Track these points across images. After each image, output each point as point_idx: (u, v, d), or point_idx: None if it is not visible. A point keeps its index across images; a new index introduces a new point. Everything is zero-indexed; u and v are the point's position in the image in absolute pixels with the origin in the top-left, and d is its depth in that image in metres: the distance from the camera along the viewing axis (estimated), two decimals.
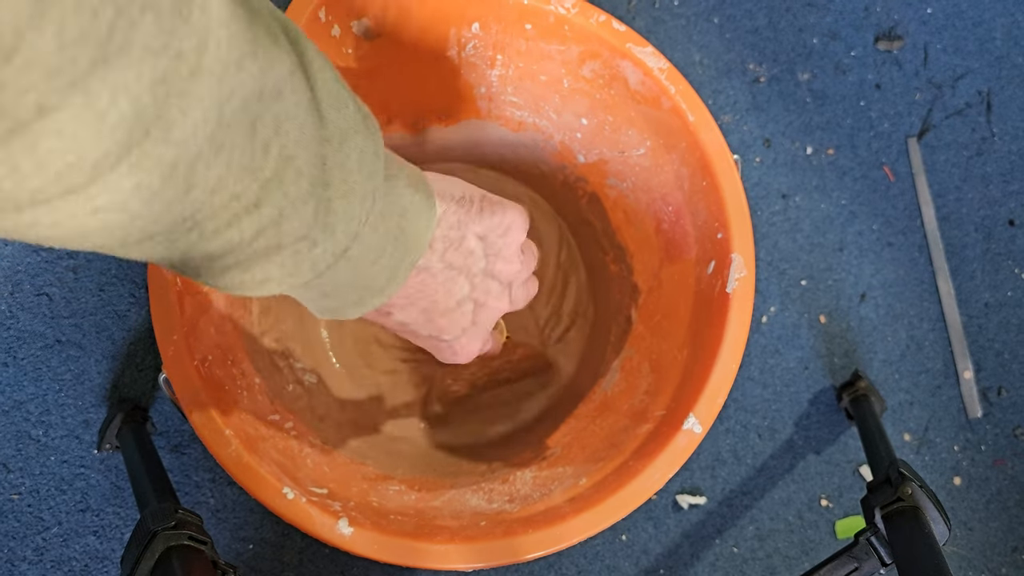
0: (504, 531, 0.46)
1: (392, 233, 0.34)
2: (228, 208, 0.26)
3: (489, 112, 0.60)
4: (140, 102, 0.20)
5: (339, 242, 0.31)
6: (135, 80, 0.20)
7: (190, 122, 0.22)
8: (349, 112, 0.30)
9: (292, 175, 0.27)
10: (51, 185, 0.20)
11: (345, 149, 0.30)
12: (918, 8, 0.87)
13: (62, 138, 0.19)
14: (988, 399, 0.79)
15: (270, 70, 0.25)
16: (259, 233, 0.28)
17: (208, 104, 0.23)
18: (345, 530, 0.43)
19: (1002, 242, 0.82)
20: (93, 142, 0.20)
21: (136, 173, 0.22)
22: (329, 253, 0.31)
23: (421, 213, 0.35)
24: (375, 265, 0.34)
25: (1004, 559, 0.75)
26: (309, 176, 0.28)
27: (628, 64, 0.53)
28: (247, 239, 0.27)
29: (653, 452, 0.47)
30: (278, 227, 0.28)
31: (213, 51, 0.22)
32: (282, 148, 0.26)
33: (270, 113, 0.25)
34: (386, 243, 0.34)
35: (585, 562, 0.72)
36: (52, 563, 0.67)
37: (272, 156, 0.26)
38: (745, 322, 0.49)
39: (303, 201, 0.28)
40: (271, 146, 0.26)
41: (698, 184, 0.52)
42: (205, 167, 0.24)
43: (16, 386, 0.69)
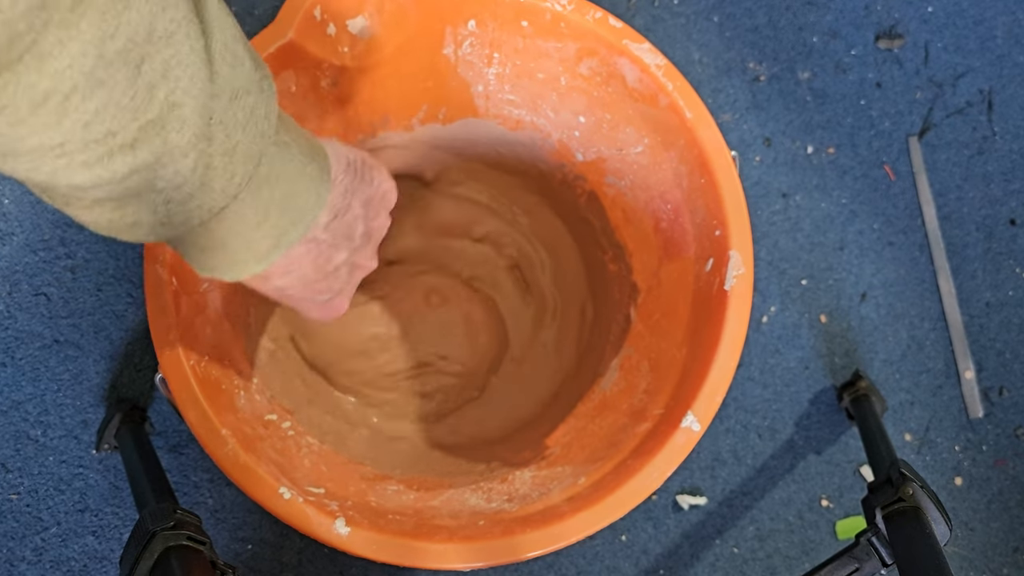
0: (503, 530, 0.45)
1: (277, 200, 0.34)
2: (102, 143, 0.25)
3: (486, 110, 0.60)
4: (14, 27, 0.20)
5: (215, 200, 0.31)
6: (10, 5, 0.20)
7: (67, 55, 0.22)
8: (245, 70, 0.30)
9: (176, 123, 0.27)
10: None
11: (234, 107, 0.29)
12: (919, 6, 0.86)
13: None
14: (989, 399, 0.78)
15: (162, 12, 0.25)
16: (132, 172, 0.27)
17: (88, 38, 0.23)
18: (342, 530, 0.43)
19: (1003, 241, 0.82)
20: None
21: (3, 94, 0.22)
22: (204, 209, 0.31)
23: (312, 184, 0.35)
24: (257, 230, 0.34)
25: (1005, 559, 0.75)
26: (193, 127, 0.28)
27: (625, 61, 0.53)
28: (117, 176, 0.27)
29: (652, 451, 0.47)
30: (152, 172, 0.27)
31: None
32: (169, 93, 0.26)
33: (160, 56, 0.25)
34: (271, 209, 0.33)
35: (585, 562, 0.72)
36: (51, 563, 0.67)
37: (157, 100, 0.26)
38: (743, 319, 0.48)
39: (183, 153, 0.28)
40: (157, 89, 0.26)
41: (696, 182, 0.52)
42: (80, 99, 0.23)
43: (14, 386, 0.69)
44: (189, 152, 0.28)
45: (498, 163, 0.66)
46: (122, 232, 0.31)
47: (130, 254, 0.72)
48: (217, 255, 0.34)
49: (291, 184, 0.34)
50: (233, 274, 0.36)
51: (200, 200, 0.30)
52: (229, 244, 0.34)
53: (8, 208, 0.71)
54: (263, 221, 0.34)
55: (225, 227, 0.33)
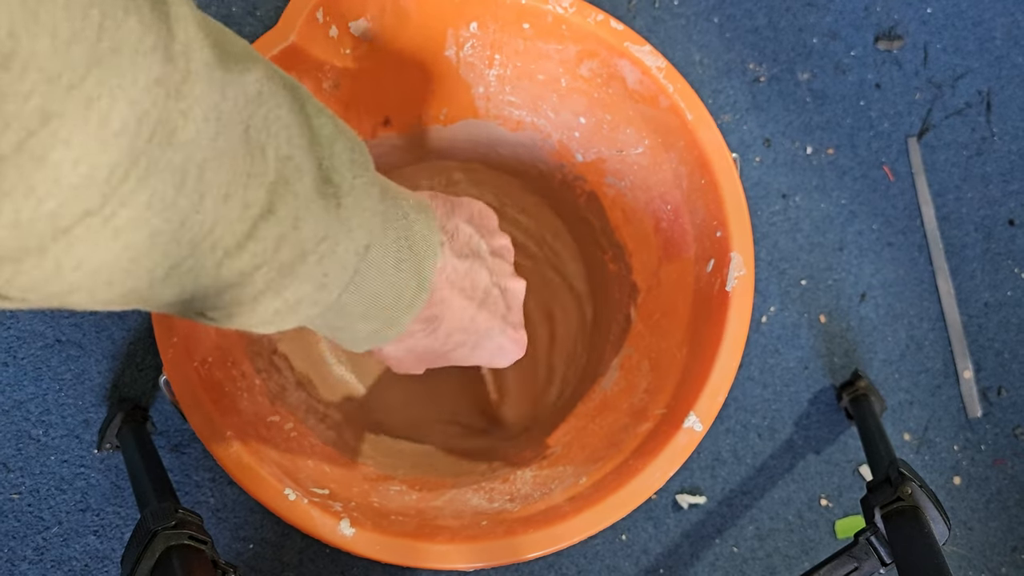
0: (505, 530, 0.46)
1: (403, 236, 0.33)
2: (243, 218, 0.25)
3: (487, 112, 0.60)
4: (139, 105, 0.20)
5: (358, 239, 0.30)
6: (131, 83, 0.20)
7: (192, 126, 0.22)
8: (327, 117, 0.30)
9: (295, 174, 0.27)
10: (67, 206, 0.20)
11: (335, 149, 0.29)
12: (918, 8, 0.87)
13: (70, 147, 0.19)
14: (988, 399, 0.79)
15: (247, 74, 0.25)
16: (281, 240, 0.27)
17: (206, 106, 0.23)
18: (347, 531, 0.43)
19: (1002, 242, 0.82)
20: (100, 150, 0.20)
21: (148, 183, 0.22)
22: (352, 252, 0.30)
23: (420, 213, 0.35)
24: (399, 271, 0.33)
25: (1004, 559, 0.75)
26: (310, 175, 0.28)
27: (626, 63, 0.53)
28: (270, 248, 0.27)
29: (653, 451, 0.47)
30: (297, 231, 0.27)
31: (199, 55, 0.22)
32: (277, 149, 0.26)
33: (259, 116, 0.25)
34: (400, 246, 0.33)
35: (585, 562, 0.72)
36: (52, 563, 0.67)
37: (270, 158, 0.26)
38: (745, 320, 0.49)
39: (311, 200, 0.28)
40: (267, 148, 0.26)
41: (696, 183, 0.52)
42: (213, 172, 0.24)
43: (16, 386, 0.69)
44: (317, 198, 0.28)
45: (498, 164, 0.66)
46: (287, 319, 0.30)
47: None
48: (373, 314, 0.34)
49: (405, 218, 0.34)
50: (395, 329, 0.35)
51: (346, 244, 0.30)
52: (382, 295, 0.33)
53: None
54: (400, 259, 0.33)
55: (374, 275, 0.32)
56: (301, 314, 0.31)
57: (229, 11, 0.80)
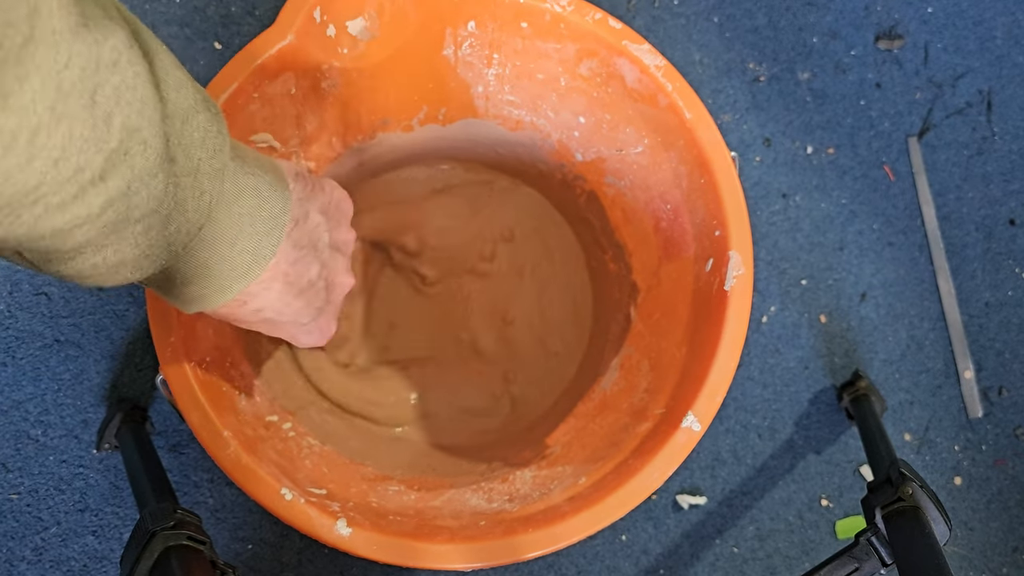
0: (504, 530, 0.46)
1: (247, 213, 0.34)
2: (73, 180, 0.25)
3: (486, 111, 0.60)
4: None
5: (191, 220, 0.31)
6: None
7: (28, 90, 0.22)
8: (189, 92, 0.30)
9: (138, 147, 0.27)
10: None
11: (188, 128, 0.30)
12: (918, 7, 0.87)
13: None
14: (989, 399, 0.78)
15: (104, 41, 0.25)
16: (107, 205, 0.27)
17: (45, 72, 0.23)
18: (344, 531, 0.43)
19: (1003, 241, 0.82)
20: None
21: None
22: (183, 232, 0.31)
23: (274, 193, 0.36)
24: (234, 247, 0.34)
25: (1005, 559, 0.75)
26: (155, 149, 0.28)
27: (625, 62, 0.53)
28: (94, 212, 0.27)
29: (652, 450, 0.47)
30: (127, 200, 0.28)
31: (46, 19, 0.22)
32: (125, 119, 0.26)
33: (109, 84, 0.25)
34: (243, 224, 0.34)
35: (585, 562, 0.72)
36: (51, 563, 0.67)
37: (115, 127, 0.26)
38: (743, 319, 0.48)
39: (151, 175, 0.28)
40: (113, 117, 0.26)
41: (696, 182, 0.52)
42: (47, 136, 0.24)
43: (15, 386, 0.69)
44: (157, 173, 0.28)
45: (498, 164, 0.66)
46: (107, 277, 0.31)
47: None
48: (200, 282, 0.35)
49: (256, 196, 0.35)
50: (218, 298, 0.36)
51: (177, 223, 0.31)
52: (211, 267, 0.34)
53: None
54: (238, 236, 0.34)
55: (205, 250, 0.33)
56: (122, 275, 0.31)
57: (228, 11, 0.80)
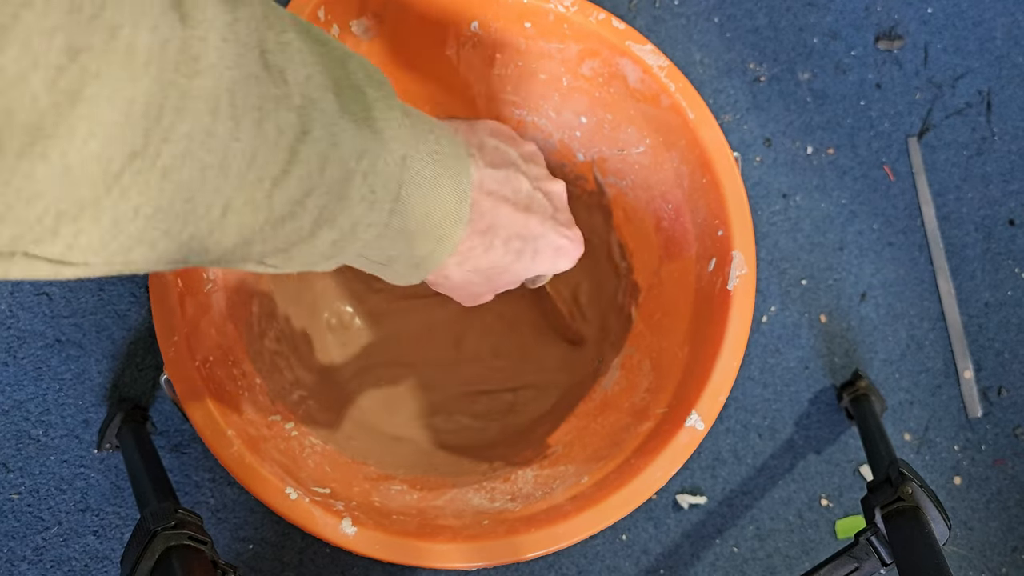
0: (507, 530, 0.46)
1: (432, 148, 0.34)
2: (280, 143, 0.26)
3: (488, 111, 0.60)
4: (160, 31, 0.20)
5: (394, 150, 0.31)
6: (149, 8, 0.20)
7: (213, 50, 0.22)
8: (334, 39, 0.30)
9: (319, 93, 0.27)
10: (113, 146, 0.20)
11: (351, 67, 0.30)
12: (918, 8, 0.87)
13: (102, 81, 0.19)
14: (988, 399, 0.79)
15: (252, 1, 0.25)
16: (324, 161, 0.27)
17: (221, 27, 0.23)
18: (349, 530, 0.43)
19: (1002, 241, 0.82)
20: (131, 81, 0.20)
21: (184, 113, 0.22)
22: (392, 164, 0.31)
23: (443, 128, 0.36)
24: (436, 184, 0.34)
25: (1004, 559, 0.75)
26: (334, 92, 0.28)
27: (627, 62, 0.53)
28: (314, 170, 0.27)
29: (655, 450, 0.47)
30: (337, 149, 0.28)
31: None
32: (296, 72, 0.26)
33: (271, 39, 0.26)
34: (434, 159, 0.34)
35: (585, 562, 0.72)
36: (52, 563, 0.67)
37: (291, 81, 0.26)
38: (746, 319, 0.48)
39: (341, 116, 0.28)
40: (286, 71, 0.26)
41: (698, 182, 0.52)
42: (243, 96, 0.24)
43: (16, 386, 0.69)
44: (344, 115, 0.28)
45: None
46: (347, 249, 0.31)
47: None
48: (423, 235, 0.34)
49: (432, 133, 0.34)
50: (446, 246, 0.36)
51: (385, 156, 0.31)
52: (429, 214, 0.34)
53: None
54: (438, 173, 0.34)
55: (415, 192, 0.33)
56: (359, 240, 0.31)
57: None
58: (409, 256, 0.35)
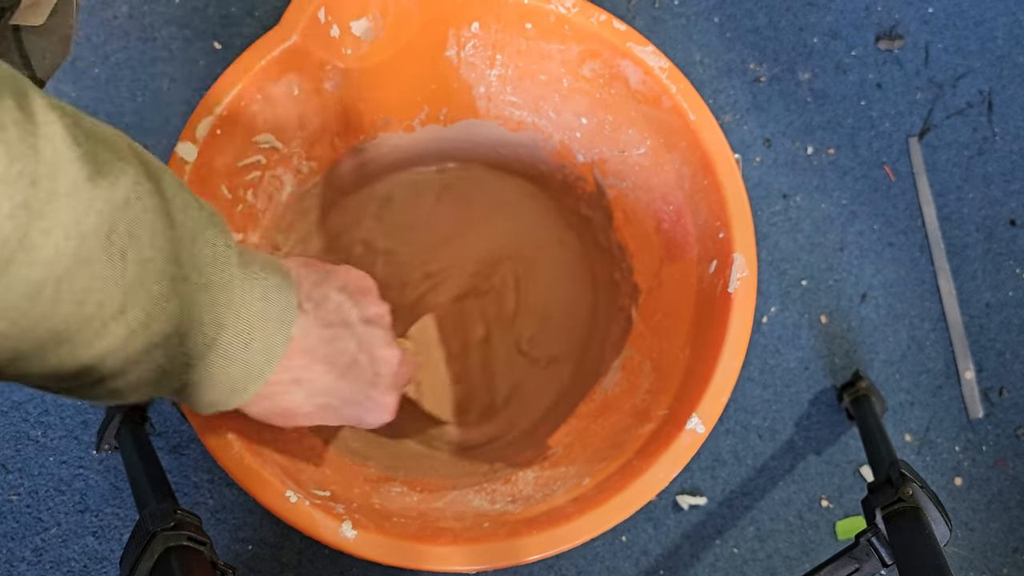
0: (508, 532, 0.45)
1: (258, 316, 0.35)
2: (96, 317, 0.27)
3: (488, 112, 0.60)
4: (2, 229, 0.22)
5: (207, 333, 0.32)
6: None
7: (52, 244, 0.23)
8: (194, 211, 0.31)
9: (152, 276, 0.28)
10: None
11: (197, 246, 0.31)
12: (919, 7, 0.87)
13: None
14: (989, 399, 0.78)
15: (117, 182, 0.26)
16: (130, 336, 0.28)
17: (68, 224, 0.24)
18: (349, 533, 0.43)
19: (1003, 242, 0.82)
20: None
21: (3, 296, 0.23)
22: (200, 344, 0.32)
23: (281, 290, 0.36)
24: (248, 349, 0.35)
25: (1005, 560, 0.75)
26: (168, 275, 0.29)
27: (628, 63, 0.53)
28: (119, 344, 0.28)
29: (656, 451, 0.47)
30: (147, 328, 0.29)
31: (65, 176, 0.24)
32: (139, 252, 0.27)
33: (123, 222, 0.26)
34: (253, 327, 0.35)
35: (585, 563, 0.72)
36: (51, 564, 0.67)
37: (130, 261, 0.27)
38: (747, 321, 0.48)
39: (166, 299, 0.29)
40: (128, 252, 0.27)
41: (699, 183, 0.52)
42: (69, 283, 0.25)
43: (15, 386, 0.69)
44: (171, 298, 0.29)
45: (499, 164, 0.66)
46: (127, 396, 0.32)
47: None
48: (220, 388, 0.35)
49: (264, 300, 0.35)
50: (237, 399, 0.37)
51: (194, 339, 0.32)
52: (227, 371, 0.35)
53: None
54: (250, 340, 0.35)
55: (222, 357, 0.34)
56: (141, 393, 0.32)
57: (228, 12, 0.79)
58: (196, 400, 0.36)
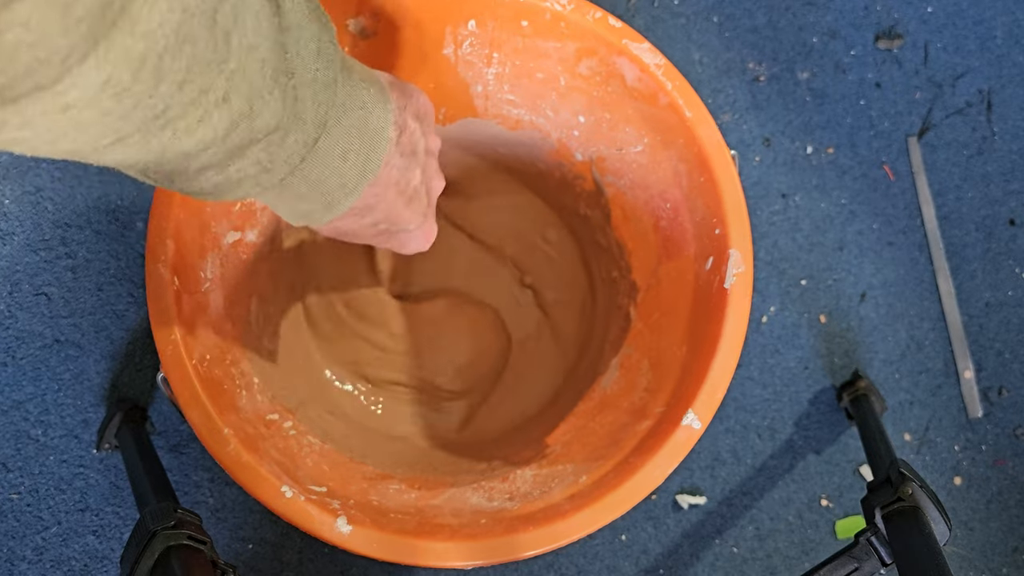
0: (505, 528, 0.45)
1: (356, 126, 0.34)
2: (198, 103, 0.26)
3: (486, 110, 0.60)
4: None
5: (308, 131, 0.31)
6: None
7: (156, 15, 0.22)
8: (301, 3, 0.30)
9: (256, 65, 0.27)
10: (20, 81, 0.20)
11: (303, 37, 0.30)
12: (918, 7, 0.87)
13: (28, 30, 0.19)
14: (988, 399, 0.78)
15: None
16: (232, 127, 0.27)
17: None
18: (344, 528, 0.43)
19: (1002, 241, 0.82)
20: (60, 34, 0.20)
21: (105, 67, 0.22)
22: (300, 143, 0.31)
23: (378, 104, 0.36)
24: (345, 161, 0.34)
25: (1005, 559, 0.75)
26: (272, 65, 0.28)
27: (625, 61, 0.53)
28: (220, 135, 0.27)
29: (653, 448, 0.47)
30: (250, 121, 0.28)
31: None
32: (242, 38, 0.26)
33: (228, 3, 0.25)
34: (351, 137, 0.34)
35: (585, 562, 0.72)
36: (51, 563, 0.67)
37: (234, 46, 0.26)
38: (743, 317, 0.48)
39: (269, 91, 0.28)
40: (231, 36, 0.26)
41: (696, 180, 0.52)
42: (172, 59, 0.24)
43: (15, 386, 0.69)
44: (274, 89, 0.28)
45: (497, 162, 0.66)
46: (226, 192, 0.31)
47: (131, 253, 0.72)
48: (314, 197, 0.35)
49: (362, 108, 0.35)
50: (328, 213, 0.36)
51: (296, 136, 0.31)
52: (325, 181, 0.34)
53: (9, 208, 0.71)
54: (348, 149, 0.34)
55: (320, 163, 0.33)
56: (243, 189, 0.31)
57: None
58: (289, 207, 0.36)
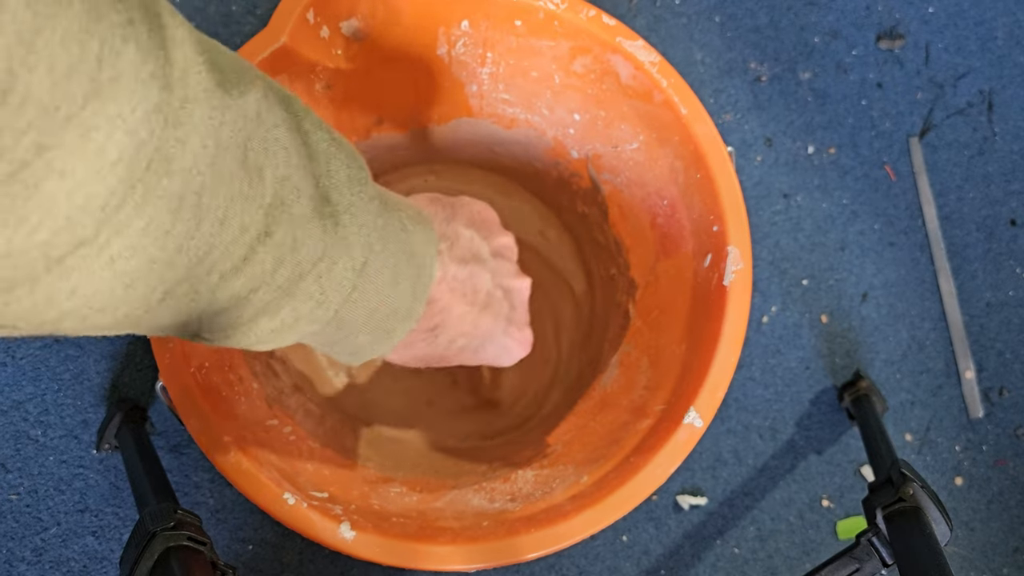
0: (507, 531, 0.45)
1: (401, 249, 0.33)
2: (240, 241, 0.25)
3: (481, 110, 0.60)
4: (137, 134, 0.20)
5: (356, 256, 0.30)
6: (129, 112, 0.20)
7: (189, 151, 0.22)
8: (324, 132, 0.30)
9: (292, 195, 0.27)
10: (61, 235, 0.20)
11: (332, 166, 0.29)
12: (920, 7, 0.86)
13: (65, 178, 0.19)
14: (990, 399, 0.78)
15: (247, 95, 0.25)
16: (278, 263, 0.27)
17: (204, 132, 0.22)
18: (347, 534, 0.43)
19: (1004, 242, 0.82)
20: (96, 179, 0.19)
21: (144, 210, 0.21)
22: (349, 269, 0.30)
23: (418, 224, 0.35)
24: (397, 284, 0.33)
25: (1006, 559, 0.75)
26: (308, 194, 0.28)
27: (619, 58, 0.52)
28: (268, 270, 0.27)
29: (654, 447, 0.47)
30: (295, 253, 0.27)
31: (196, 79, 0.22)
32: (275, 170, 0.26)
33: (257, 137, 0.25)
34: (399, 259, 0.33)
35: (586, 563, 0.72)
36: (51, 563, 0.67)
37: (268, 180, 0.26)
38: (743, 314, 0.48)
39: (309, 220, 0.28)
40: (265, 170, 0.26)
41: (692, 177, 0.52)
42: (210, 197, 0.23)
43: (15, 386, 0.69)
44: (314, 218, 0.28)
45: (493, 162, 0.66)
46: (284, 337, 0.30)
47: None
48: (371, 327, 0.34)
49: (403, 230, 0.34)
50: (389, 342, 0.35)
51: (343, 263, 0.30)
52: (379, 308, 0.33)
53: None
54: (397, 270, 0.33)
55: (372, 290, 0.32)
56: (298, 331, 0.30)
57: (229, 10, 0.80)
58: (348, 344, 0.35)
